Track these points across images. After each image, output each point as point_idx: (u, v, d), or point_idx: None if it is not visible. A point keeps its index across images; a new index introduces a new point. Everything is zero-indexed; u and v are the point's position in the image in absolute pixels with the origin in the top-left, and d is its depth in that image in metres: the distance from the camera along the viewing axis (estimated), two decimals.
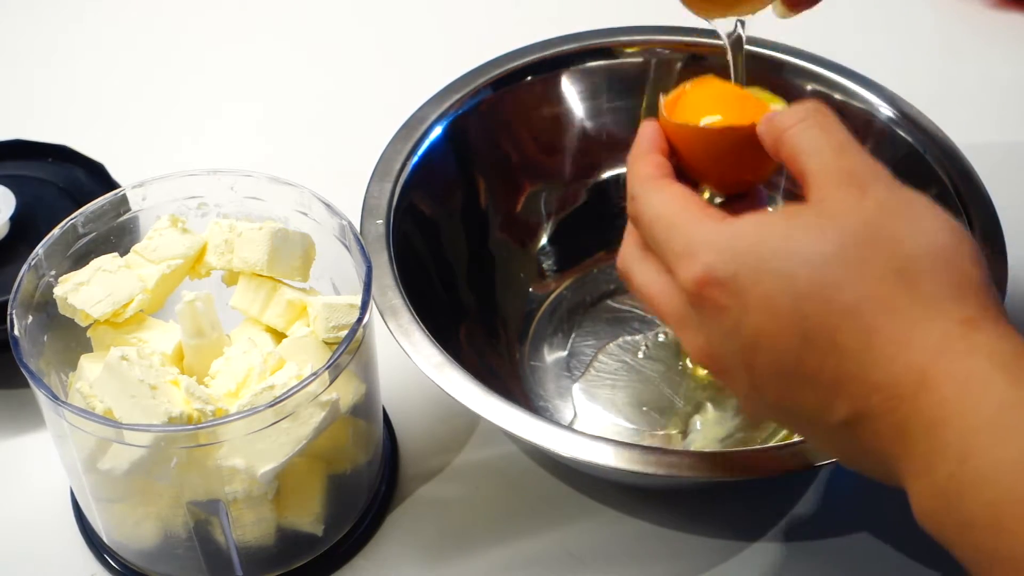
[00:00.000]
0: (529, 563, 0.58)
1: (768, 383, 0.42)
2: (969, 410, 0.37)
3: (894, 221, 0.40)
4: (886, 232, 0.40)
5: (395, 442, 0.63)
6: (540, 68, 0.69)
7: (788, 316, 0.40)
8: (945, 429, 0.37)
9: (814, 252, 0.40)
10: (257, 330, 0.56)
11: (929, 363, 0.38)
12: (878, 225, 0.40)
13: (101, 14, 0.91)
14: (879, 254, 0.40)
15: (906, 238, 0.40)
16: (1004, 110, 0.83)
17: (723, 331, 0.42)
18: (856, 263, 0.40)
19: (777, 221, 0.41)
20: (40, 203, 0.67)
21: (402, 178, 0.63)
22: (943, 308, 0.39)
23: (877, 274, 0.39)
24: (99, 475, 0.52)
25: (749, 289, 0.41)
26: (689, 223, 0.43)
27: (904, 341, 0.39)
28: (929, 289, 0.39)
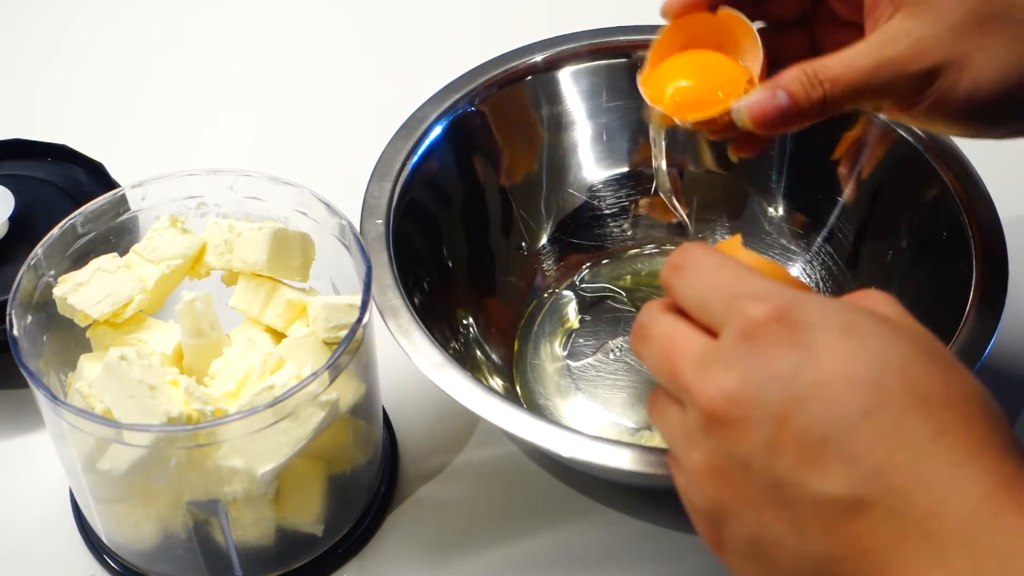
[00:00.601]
0: (529, 563, 0.58)
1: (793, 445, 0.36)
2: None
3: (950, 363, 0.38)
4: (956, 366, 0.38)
5: (395, 442, 0.63)
6: (540, 68, 0.69)
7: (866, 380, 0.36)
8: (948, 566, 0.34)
9: (906, 343, 0.37)
10: (257, 330, 0.56)
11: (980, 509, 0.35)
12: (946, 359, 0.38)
13: (101, 14, 0.91)
14: (952, 379, 0.37)
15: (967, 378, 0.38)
16: None
17: (773, 372, 0.37)
18: (941, 372, 0.37)
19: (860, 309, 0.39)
20: (39, 203, 0.67)
21: (402, 178, 0.63)
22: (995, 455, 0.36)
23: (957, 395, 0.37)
24: (99, 475, 0.52)
25: (827, 338, 0.37)
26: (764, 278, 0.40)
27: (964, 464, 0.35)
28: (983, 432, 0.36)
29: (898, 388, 0.36)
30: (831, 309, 0.38)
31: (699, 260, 0.41)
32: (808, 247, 0.69)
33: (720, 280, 0.40)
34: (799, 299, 0.38)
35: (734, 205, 0.71)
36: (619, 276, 0.71)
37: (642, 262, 0.71)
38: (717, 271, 0.40)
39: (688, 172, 0.71)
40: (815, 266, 0.69)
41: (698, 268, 0.41)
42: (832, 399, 0.36)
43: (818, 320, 0.37)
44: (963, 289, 0.58)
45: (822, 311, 0.38)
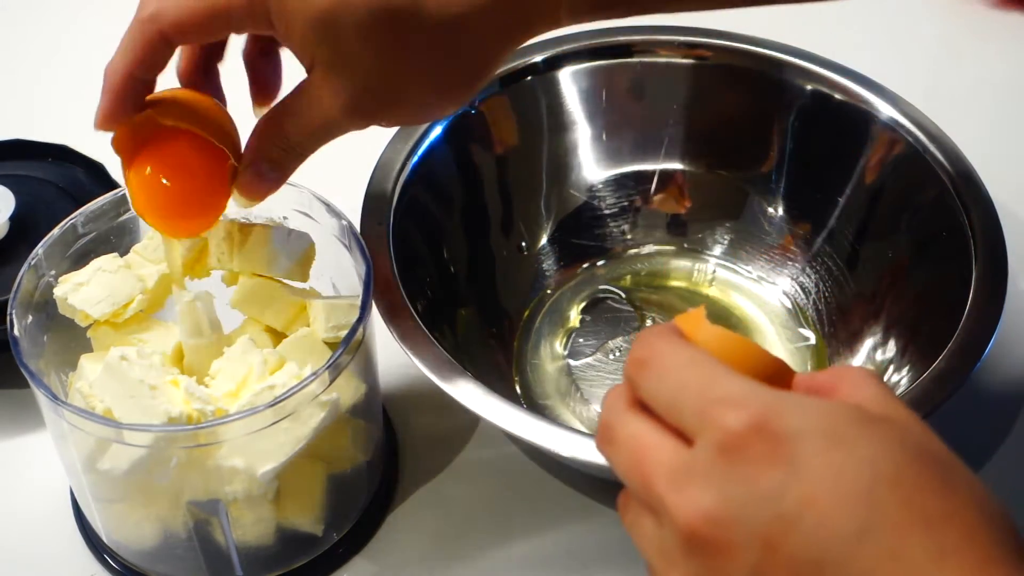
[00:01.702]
0: (529, 563, 0.58)
1: (782, 571, 0.34)
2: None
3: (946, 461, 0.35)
4: (959, 465, 0.35)
5: (395, 442, 0.63)
6: (540, 68, 0.69)
7: (857, 496, 0.33)
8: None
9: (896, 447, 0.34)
10: (257, 330, 0.56)
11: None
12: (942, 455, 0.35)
13: (101, 14, 0.91)
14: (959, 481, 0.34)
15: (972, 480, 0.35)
16: (1004, 110, 0.83)
17: (756, 492, 0.34)
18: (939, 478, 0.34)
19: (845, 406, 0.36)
20: (40, 203, 0.67)
21: (402, 178, 0.63)
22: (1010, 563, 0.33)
23: (959, 497, 0.34)
24: (99, 475, 0.52)
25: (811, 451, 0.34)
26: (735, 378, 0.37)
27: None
28: (999, 538, 0.33)
29: (893, 503, 0.33)
30: (813, 414, 0.35)
31: (665, 357, 0.37)
32: (808, 247, 0.69)
33: (690, 381, 0.36)
34: (778, 405, 0.35)
35: (734, 205, 0.71)
36: (619, 276, 0.71)
37: (642, 262, 0.71)
38: (686, 369, 0.37)
39: (688, 172, 0.71)
40: (815, 266, 0.69)
41: (665, 366, 0.37)
42: (823, 518, 0.33)
43: (800, 429, 0.34)
44: (963, 289, 0.58)
45: (803, 417, 0.34)
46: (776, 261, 0.70)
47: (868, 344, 0.64)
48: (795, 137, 0.69)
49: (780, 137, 0.69)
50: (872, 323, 0.65)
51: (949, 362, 0.55)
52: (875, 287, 0.66)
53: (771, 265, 0.70)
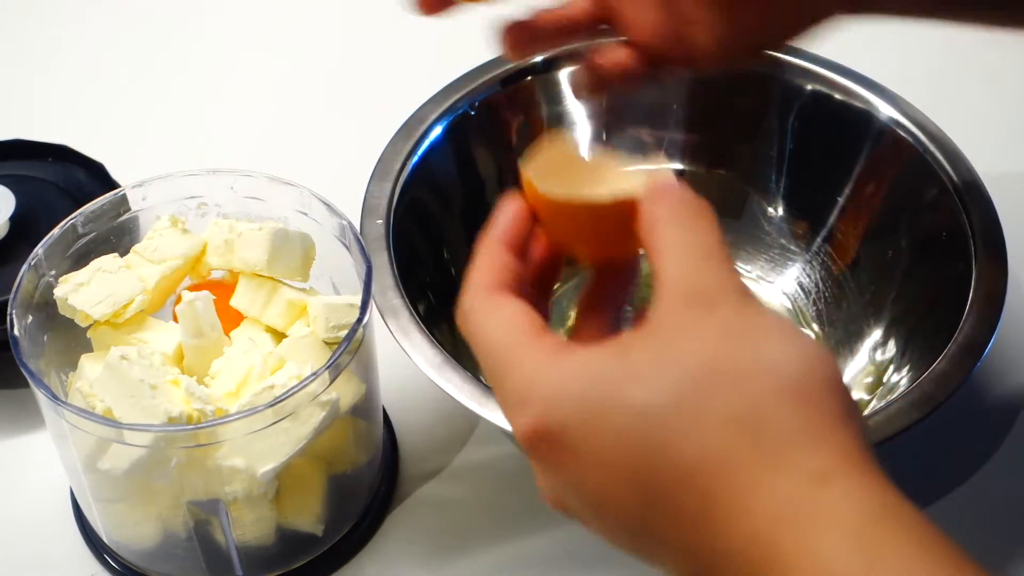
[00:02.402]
0: (529, 563, 0.58)
1: (620, 537, 0.38)
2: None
3: (738, 350, 0.36)
4: (727, 366, 0.35)
5: (395, 442, 0.63)
6: (540, 68, 0.69)
7: (627, 479, 0.36)
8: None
9: (648, 403, 0.35)
10: (257, 330, 0.56)
11: (775, 533, 0.34)
12: (719, 359, 0.36)
13: (101, 14, 0.91)
14: (719, 395, 0.35)
15: (750, 372, 0.35)
16: (1004, 110, 0.83)
17: (565, 484, 0.38)
18: (692, 415, 0.35)
19: (611, 360, 0.37)
20: (40, 203, 0.67)
21: (402, 178, 0.63)
22: (790, 460, 0.34)
23: (716, 424, 0.35)
24: (99, 475, 0.52)
25: (581, 444, 0.36)
26: (522, 360, 0.38)
27: (745, 507, 0.34)
28: (776, 435, 0.35)
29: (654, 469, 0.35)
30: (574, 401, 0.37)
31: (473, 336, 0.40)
32: (808, 247, 0.69)
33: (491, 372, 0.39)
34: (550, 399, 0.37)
35: (734, 205, 0.71)
36: None
37: (642, 261, 0.71)
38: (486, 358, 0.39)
39: (688, 172, 0.71)
40: (815, 266, 0.69)
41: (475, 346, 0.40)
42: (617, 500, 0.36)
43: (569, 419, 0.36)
44: (963, 289, 0.58)
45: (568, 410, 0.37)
46: (776, 261, 0.70)
47: (868, 344, 0.64)
48: (795, 137, 0.69)
49: (780, 137, 0.69)
50: (872, 323, 0.65)
51: (949, 362, 0.55)
52: (875, 287, 0.66)
53: (771, 265, 0.70)
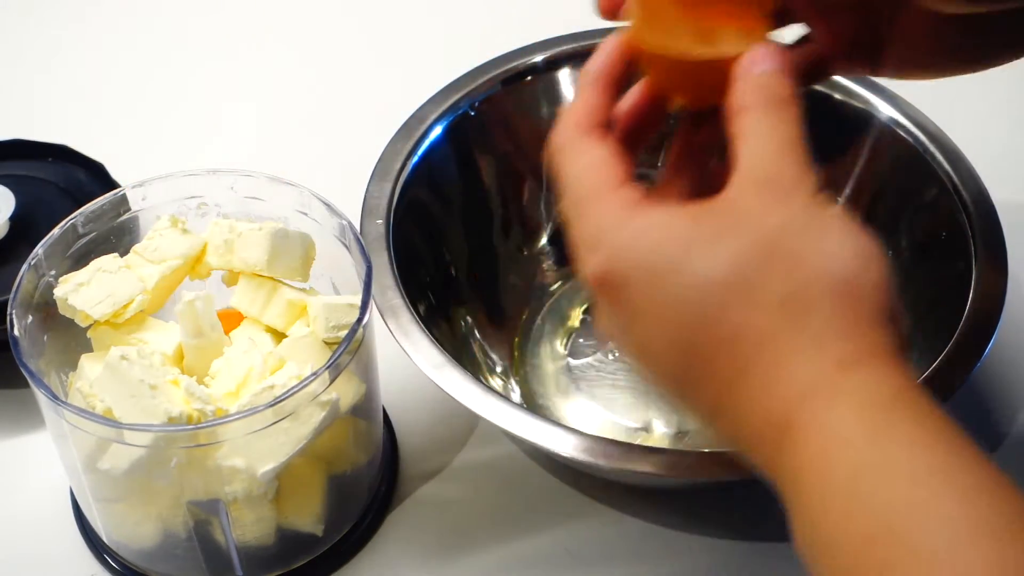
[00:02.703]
0: (529, 563, 0.58)
1: (663, 380, 0.41)
2: (825, 471, 0.35)
3: (798, 239, 0.38)
4: (785, 250, 0.38)
5: (395, 442, 0.63)
6: (540, 68, 0.69)
7: (672, 336, 0.39)
8: (805, 486, 0.36)
9: (707, 273, 0.38)
10: (257, 330, 0.56)
11: (795, 408, 0.36)
12: (779, 242, 0.38)
13: (101, 14, 0.91)
14: (772, 277, 0.38)
15: (806, 259, 0.38)
16: (1004, 110, 0.83)
17: (618, 325, 0.41)
18: (745, 288, 0.38)
19: (680, 226, 0.39)
20: (40, 203, 0.67)
21: (402, 178, 0.63)
22: (824, 344, 0.37)
23: (764, 301, 0.37)
24: (99, 475, 0.52)
25: (638, 298, 0.39)
26: (600, 208, 0.41)
27: (774, 378, 0.37)
28: (815, 321, 0.37)
29: (700, 335, 0.38)
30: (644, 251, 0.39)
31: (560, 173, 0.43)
32: None
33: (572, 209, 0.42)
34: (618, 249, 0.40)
35: None
36: None
37: None
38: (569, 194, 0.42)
39: None
40: None
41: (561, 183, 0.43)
42: (662, 354, 0.40)
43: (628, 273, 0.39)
44: (963, 289, 0.58)
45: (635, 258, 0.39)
46: None
47: None
48: None
49: None
50: None
51: (949, 362, 0.55)
52: None
53: None
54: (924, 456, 0.35)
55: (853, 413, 0.36)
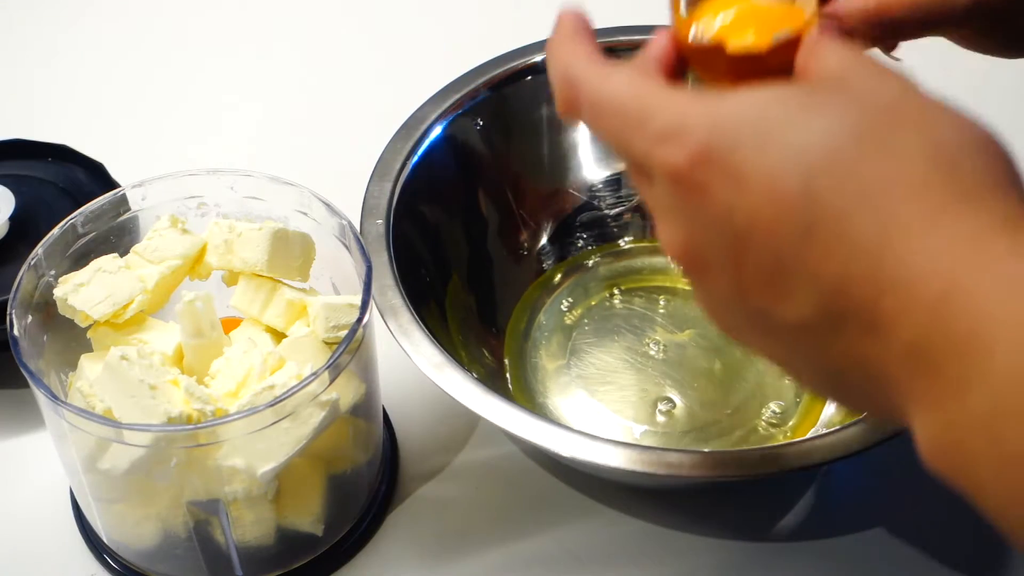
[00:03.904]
0: (529, 563, 0.58)
1: (755, 283, 0.35)
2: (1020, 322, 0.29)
3: (926, 105, 0.34)
4: (917, 114, 0.34)
5: (395, 442, 0.63)
6: (540, 68, 0.69)
7: (794, 197, 0.33)
8: (988, 346, 0.30)
9: (834, 125, 0.33)
10: (257, 330, 0.56)
11: (963, 263, 0.31)
12: (908, 106, 0.34)
13: (101, 14, 0.91)
14: (910, 134, 0.33)
15: (940, 122, 0.34)
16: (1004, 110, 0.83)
17: (710, 220, 0.35)
18: (881, 141, 0.33)
19: (790, 90, 0.35)
20: (40, 203, 0.67)
21: (402, 178, 0.64)
22: (983, 198, 0.32)
23: (906, 153, 0.33)
24: (99, 475, 0.52)
25: (750, 164, 0.34)
26: (673, 99, 0.36)
27: (931, 233, 0.31)
28: (967, 176, 0.32)
29: (831, 188, 0.33)
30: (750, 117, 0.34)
31: (593, 99, 0.38)
32: None
33: (625, 122, 0.37)
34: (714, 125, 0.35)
35: None
36: (619, 275, 0.71)
37: (642, 261, 0.71)
38: (616, 112, 0.37)
39: None
40: None
41: (595, 111, 0.38)
42: (770, 228, 0.33)
43: (736, 141, 0.34)
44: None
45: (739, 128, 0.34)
46: None
47: None
48: None
49: None
50: None
51: None
52: None
53: None
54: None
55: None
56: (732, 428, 0.62)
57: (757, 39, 0.40)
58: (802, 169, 0.33)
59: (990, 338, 0.30)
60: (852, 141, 0.33)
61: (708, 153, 0.34)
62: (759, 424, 0.62)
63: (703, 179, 0.35)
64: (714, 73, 0.42)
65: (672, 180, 0.35)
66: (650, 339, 0.67)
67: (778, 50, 0.40)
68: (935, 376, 0.31)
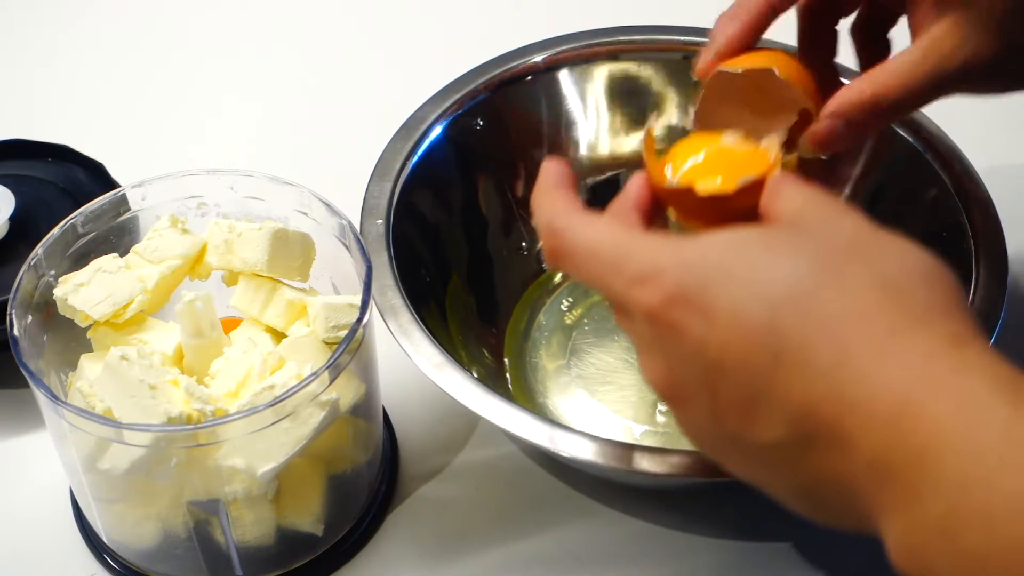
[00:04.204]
0: (529, 563, 0.58)
1: (730, 410, 0.38)
2: (969, 434, 0.33)
3: (875, 241, 0.38)
4: (866, 249, 0.38)
5: (395, 442, 0.63)
6: (540, 68, 0.69)
7: (759, 329, 0.36)
8: (939, 455, 0.33)
9: (792, 263, 0.37)
10: (257, 330, 0.56)
11: (914, 381, 0.34)
12: (858, 242, 0.38)
13: (101, 14, 0.91)
14: (860, 268, 0.37)
15: (889, 256, 0.38)
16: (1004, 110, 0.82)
17: (685, 353, 0.38)
18: (836, 275, 0.37)
19: (752, 232, 0.39)
20: (40, 203, 0.67)
21: (402, 178, 0.63)
22: (931, 321, 0.36)
23: (857, 286, 0.36)
24: (99, 475, 0.52)
25: (719, 301, 0.37)
26: (644, 243, 0.40)
27: (884, 355, 0.35)
28: (915, 302, 0.36)
29: (793, 320, 0.36)
30: (715, 259, 0.38)
31: (574, 250, 0.42)
32: None
33: (604, 269, 0.40)
34: (684, 267, 0.38)
35: None
36: None
37: None
38: (595, 259, 0.41)
39: None
40: None
41: (576, 260, 0.42)
42: (740, 358, 0.37)
43: (706, 281, 0.37)
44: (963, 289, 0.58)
45: (706, 268, 0.38)
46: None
47: None
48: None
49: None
50: None
51: None
52: None
53: None
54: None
55: (983, 382, 0.34)
56: None
57: (724, 182, 0.44)
58: (766, 303, 0.36)
59: (941, 448, 0.33)
60: (810, 276, 0.37)
61: (680, 293, 0.38)
62: None
63: (676, 317, 0.38)
64: (686, 212, 0.45)
65: (648, 319, 0.39)
66: None
67: (744, 192, 0.43)
68: (895, 485, 0.34)
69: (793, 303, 0.36)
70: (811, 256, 0.37)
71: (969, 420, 0.33)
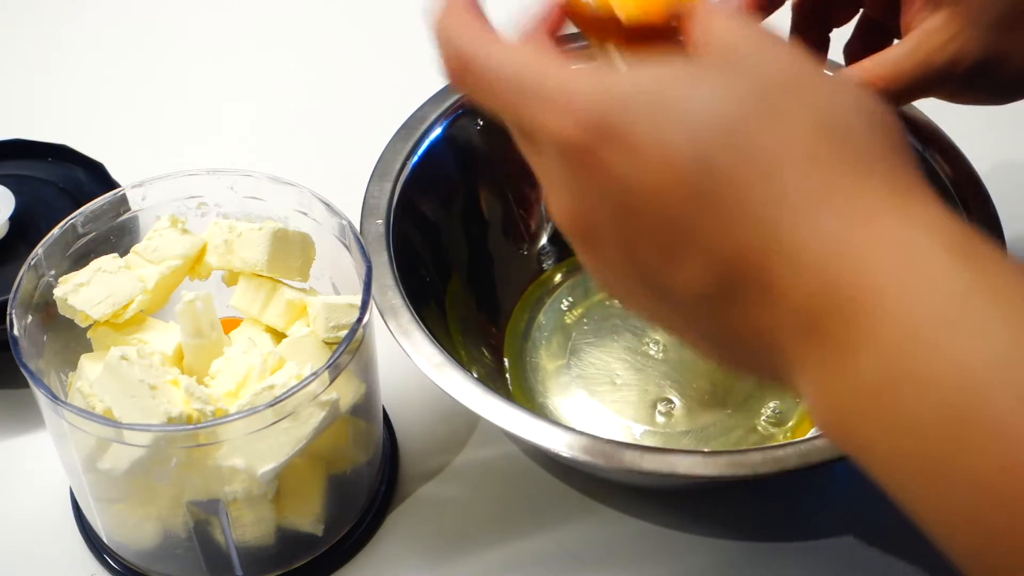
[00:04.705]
0: (529, 563, 0.58)
1: (649, 251, 0.35)
2: (914, 292, 0.30)
3: (814, 76, 0.34)
4: (806, 85, 0.34)
5: (395, 442, 0.63)
6: None
7: (686, 165, 0.33)
8: (877, 313, 0.30)
9: (725, 97, 0.33)
10: (257, 330, 0.56)
11: (852, 228, 0.31)
12: (797, 78, 0.34)
13: (101, 14, 0.91)
14: (799, 104, 0.33)
15: (830, 93, 0.34)
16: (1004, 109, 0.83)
17: (601, 189, 0.35)
18: (772, 111, 0.33)
19: (683, 64, 0.35)
20: (40, 203, 0.67)
21: (402, 178, 0.64)
22: (873, 167, 0.32)
23: (795, 121, 0.33)
24: (99, 475, 0.52)
25: (645, 137, 0.33)
26: (562, 68, 0.35)
27: (820, 198, 0.32)
28: (857, 144, 0.33)
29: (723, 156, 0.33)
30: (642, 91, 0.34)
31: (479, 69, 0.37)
32: None
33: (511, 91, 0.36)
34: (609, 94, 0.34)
35: None
36: None
37: None
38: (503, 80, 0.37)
39: None
40: None
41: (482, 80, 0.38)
42: (663, 196, 0.33)
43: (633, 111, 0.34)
44: None
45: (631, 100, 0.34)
46: None
47: None
48: None
49: None
50: None
51: None
52: None
53: None
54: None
55: (932, 239, 0.31)
56: (732, 428, 0.62)
57: (652, 10, 0.40)
58: (695, 138, 0.33)
59: (879, 305, 0.30)
60: (744, 112, 0.33)
61: (598, 123, 0.34)
62: (759, 424, 0.62)
63: (593, 149, 0.34)
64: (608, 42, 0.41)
65: (560, 149, 0.35)
66: (650, 339, 0.67)
67: (672, 21, 0.39)
68: (823, 341, 0.31)
69: (725, 138, 0.33)
70: (746, 90, 0.33)
71: (914, 277, 0.30)
